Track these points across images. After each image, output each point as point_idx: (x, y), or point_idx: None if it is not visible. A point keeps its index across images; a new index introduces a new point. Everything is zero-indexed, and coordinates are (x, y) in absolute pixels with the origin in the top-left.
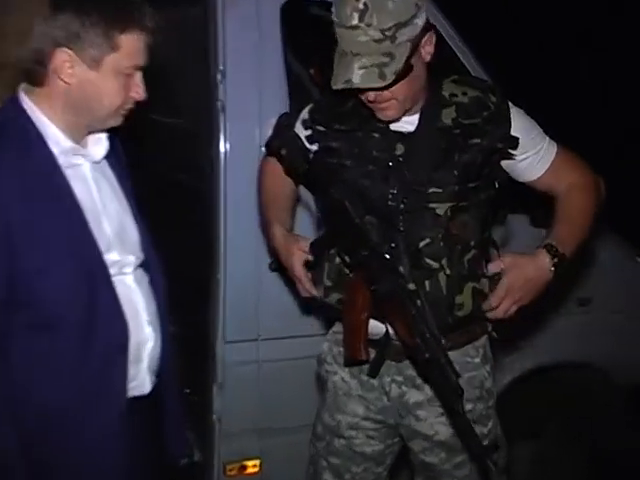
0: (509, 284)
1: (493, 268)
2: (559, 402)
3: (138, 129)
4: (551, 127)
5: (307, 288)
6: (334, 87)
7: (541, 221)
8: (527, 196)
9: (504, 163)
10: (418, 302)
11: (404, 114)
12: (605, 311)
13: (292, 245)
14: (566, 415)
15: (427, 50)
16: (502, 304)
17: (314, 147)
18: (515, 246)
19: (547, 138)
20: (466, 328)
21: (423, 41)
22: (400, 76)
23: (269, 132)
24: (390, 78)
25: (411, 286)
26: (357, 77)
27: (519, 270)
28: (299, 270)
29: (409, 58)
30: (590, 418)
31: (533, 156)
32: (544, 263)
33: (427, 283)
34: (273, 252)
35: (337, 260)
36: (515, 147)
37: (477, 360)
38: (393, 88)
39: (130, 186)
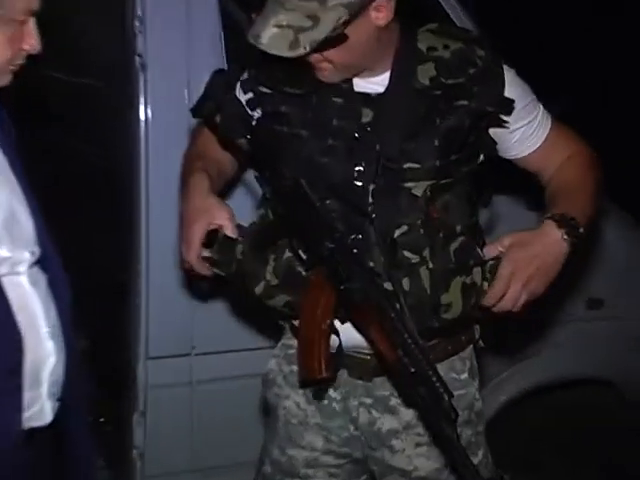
0: (513, 263)
1: (490, 251)
2: (563, 428)
3: (32, 91)
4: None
5: (192, 257)
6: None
7: (534, 203)
8: (512, 173)
9: (491, 133)
10: (397, 304)
11: (366, 75)
12: (619, 316)
13: (213, 207)
14: (572, 444)
15: (381, 16)
16: (509, 291)
17: (257, 114)
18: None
19: (541, 107)
20: (453, 335)
21: (374, 5)
22: (322, 47)
23: (200, 93)
24: (302, 49)
25: (387, 285)
26: (266, 37)
27: (523, 247)
28: (196, 237)
29: (345, 25)
30: (602, 444)
31: (526, 127)
32: (553, 233)
33: (406, 281)
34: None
35: (287, 254)
36: (509, 112)
37: (465, 376)
38: (325, 52)
39: (22, 167)
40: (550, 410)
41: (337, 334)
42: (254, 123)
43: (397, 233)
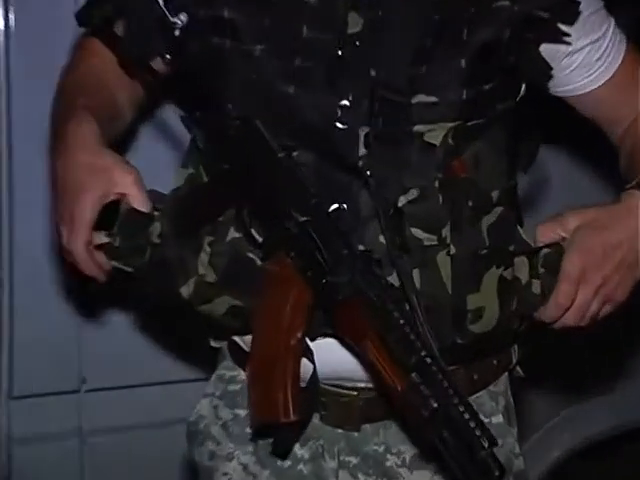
0: (584, 256)
1: (545, 234)
2: None
3: None
4: None
5: (78, 246)
6: None
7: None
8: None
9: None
10: (406, 306)
11: None
12: None
13: (110, 167)
14: None
15: None
16: (577, 298)
17: (182, 19)
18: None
19: (613, 22)
20: (481, 357)
21: None
22: None
23: None
24: None
25: (391, 279)
26: None
27: (597, 231)
28: (86, 214)
29: None
30: None
31: (590, 47)
32: None
33: (416, 273)
34: (53, 177)
35: (232, 234)
36: (571, 21)
37: (498, 419)
38: None
39: None
40: (624, 469)
41: (310, 356)
42: (177, 33)
43: (403, 201)
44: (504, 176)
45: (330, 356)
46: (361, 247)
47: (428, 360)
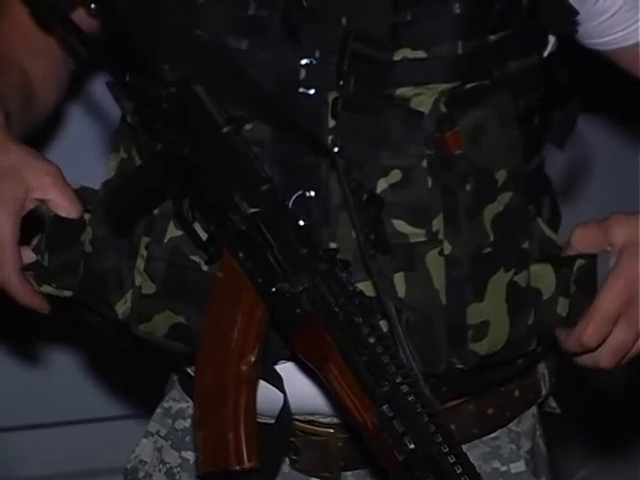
0: (625, 288)
1: (582, 241)
2: None
3: None
4: None
5: (6, 273)
6: None
7: None
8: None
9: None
10: (379, 322)
11: None
12: None
13: (23, 167)
14: None
15: None
16: (613, 337)
17: None
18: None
19: None
20: (494, 386)
21: None
22: None
23: None
24: None
25: (363, 286)
26: None
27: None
28: (5, 233)
29: None
30: None
31: None
32: None
33: (400, 278)
34: None
35: (172, 231)
36: None
37: (520, 467)
38: None
39: None
40: None
41: (277, 383)
42: None
43: (383, 185)
44: (514, 153)
45: (295, 385)
46: (333, 245)
47: (404, 388)
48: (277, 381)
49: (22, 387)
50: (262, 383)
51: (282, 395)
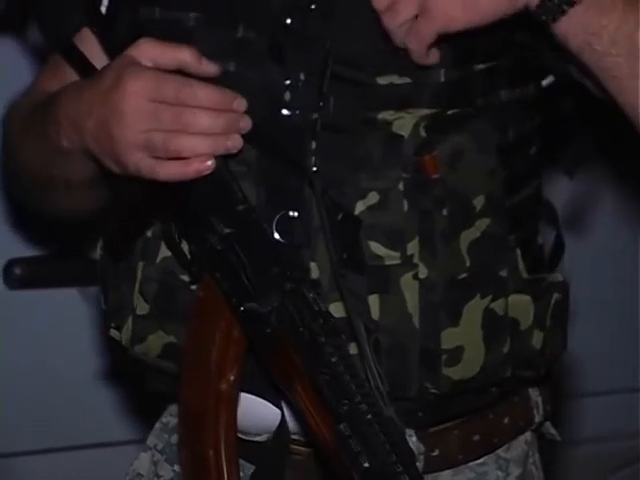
0: None
1: None
2: None
3: None
4: None
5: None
6: None
7: None
8: None
9: None
10: (344, 343)
11: None
12: None
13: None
14: None
15: None
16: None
17: None
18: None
19: None
20: (483, 412)
21: None
22: None
23: None
24: None
25: (334, 308)
26: None
27: None
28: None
29: None
30: None
31: None
32: None
33: (374, 300)
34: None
35: (164, 252)
36: None
37: None
38: None
39: None
40: None
41: (275, 399)
42: (104, 9)
43: (361, 207)
44: (493, 180)
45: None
46: (313, 265)
47: (363, 407)
48: (275, 398)
49: (23, 412)
50: (255, 400)
51: (279, 412)
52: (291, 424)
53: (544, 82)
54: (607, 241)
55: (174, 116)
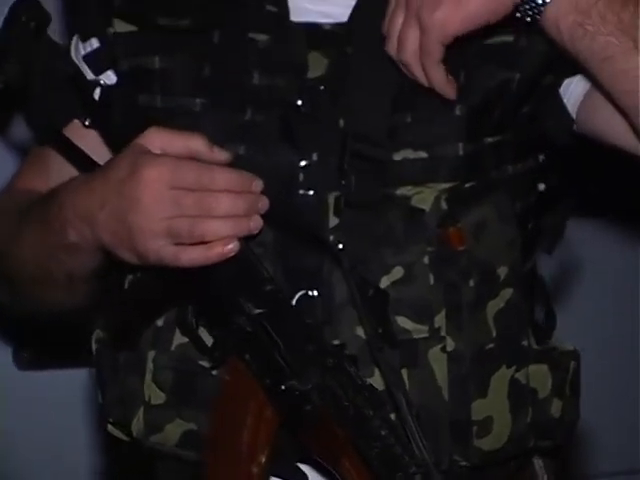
0: None
1: None
2: None
3: None
4: None
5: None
6: None
7: None
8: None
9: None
10: (392, 416)
11: None
12: None
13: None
14: None
15: None
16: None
17: (109, 79)
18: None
19: None
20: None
21: None
22: None
23: None
24: None
25: (371, 382)
26: None
27: None
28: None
29: None
30: None
31: None
32: None
33: (404, 374)
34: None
35: (178, 339)
36: None
37: None
38: None
39: None
40: None
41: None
42: (98, 93)
43: (386, 282)
44: (514, 250)
45: None
46: (336, 342)
47: (418, 478)
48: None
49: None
50: None
51: None
52: None
53: (541, 157)
54: (593, 312)
55: (196, 201)
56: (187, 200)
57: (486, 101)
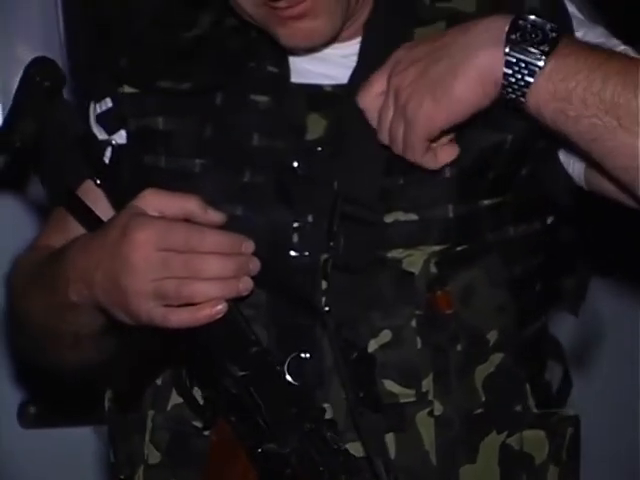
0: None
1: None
2: None
3: None
4: None
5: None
6: None
7: None
8: None
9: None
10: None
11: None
12: None
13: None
14: None
15: None
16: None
17: (119, 139)
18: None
19: None
20: None
21: None
22: None
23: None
24: None
25: (352, 448)
26: None
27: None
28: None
29: None
30: None
31: None
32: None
33: (391, 438)
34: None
35: (174, 399)
36: None
37: None
38: None
39: None
40: None
41: None
42: (109, 155)
43: (374, 345)
44: (505, 314)
45: None
46: (327, 405)
47: None
48: None
49: None
50: None
51: None
52: None
53: (549, 220)
54: (609, 377)
55: (184, 263)
56: (175, 262)
57: (478, 163)
